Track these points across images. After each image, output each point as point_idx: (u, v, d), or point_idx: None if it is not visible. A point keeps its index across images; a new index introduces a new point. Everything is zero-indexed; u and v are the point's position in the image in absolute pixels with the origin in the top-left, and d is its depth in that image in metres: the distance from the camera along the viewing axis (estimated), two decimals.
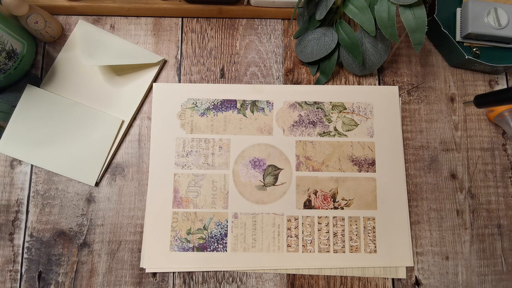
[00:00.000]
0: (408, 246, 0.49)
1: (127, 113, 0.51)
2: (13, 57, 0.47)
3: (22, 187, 0.49)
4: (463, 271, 0.49)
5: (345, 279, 0.48)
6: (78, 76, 0.52)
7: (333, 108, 0.53)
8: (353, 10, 0.44)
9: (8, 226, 0.48)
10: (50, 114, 0.50)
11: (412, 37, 0.42)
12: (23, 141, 0.49)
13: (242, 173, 0.50)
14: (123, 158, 0.51)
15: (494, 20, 0.50)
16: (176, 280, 0.48)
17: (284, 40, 0.55)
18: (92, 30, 0.53)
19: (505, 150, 0.53)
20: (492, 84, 0.55)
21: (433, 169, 0.52)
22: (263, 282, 0.48)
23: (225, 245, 0.48)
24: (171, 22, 0.55)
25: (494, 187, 0.52)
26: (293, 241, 0.49)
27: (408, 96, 0.54)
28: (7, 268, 0.47)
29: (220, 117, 0.52)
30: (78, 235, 0.49)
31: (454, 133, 0.53)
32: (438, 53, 0.55)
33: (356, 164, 0.51)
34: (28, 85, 0.50)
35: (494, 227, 0.51)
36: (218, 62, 0.54)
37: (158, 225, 0.49)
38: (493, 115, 0.51)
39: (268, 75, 0.54)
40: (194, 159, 0.50)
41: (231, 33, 0.55)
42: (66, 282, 0.47)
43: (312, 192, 0.50)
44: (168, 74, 0.54)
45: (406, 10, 0.42)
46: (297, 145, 0.51)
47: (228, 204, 0.50)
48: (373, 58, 0.50)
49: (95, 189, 0.50)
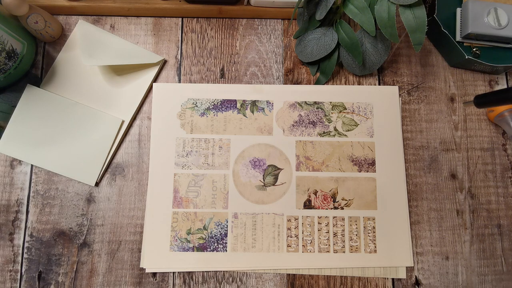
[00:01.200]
0: (408, 246, 0.49)
1: (127, 113, 0.51)
2: (13, 57, 0.47)
3: (22, 187, 0.49)
4: (463, 271, 0.49)
5: (345, 279, 0.48)
6: (78, 76, 0.52)
7: (333, 108, 0.53)
8: (353, 10, 0.44)
9: (8, 226, 0.48)
10: (50, 114, 0.50)
11: (412, 37, 0.42)
12: (23, 141, 0.49)
13: (242, 173, 0.50)
14: (123, 158, 0.51)
15: (494, 20, 0.50)
16: (176, 280, 0.48)
17: (284, 40, 0.55)
18: (92, 30, 0.53)
19: (505, 150, 0.53)
20: (492, 84, 0.55)
21: (433, 169, 0.52)
22: (263, 282, 0.48)
23: (225, 245, 0.48)
24: (171, 22, 0.55)
25: (494, 187, 0.52)
26: (293, 241, 0.49)
27: (408, 96, 0.54)
28: (7, 268, 0.47)
29: (220, 117, 0.52)
30: (78, 235, 0.49)
31: (454, 133, 0.53)
32: (438, 53, 0.55)
33: (356, 164, 0.51)
34: (28, 85, 0.50)
35: (494, 227, 0.51)
36: (218, 62, 0.54)
37: (158, 225, 0.49)
38: (493, 115, 0.51)
39: (268, 75, 0.54)
40: (194, 159, 0.50)
41: (231, 33, 0.55)
42: (66, 282, 0.47)
43: (312, 192, 0.50)
44: (168, 74, 0.54)
45: (406, 10, 0.42)
46: (297, 145, 0.51)
47: (228, 204, 0.50)
48: (373, 58, 0.50)
49: (95, 189, 0.50)
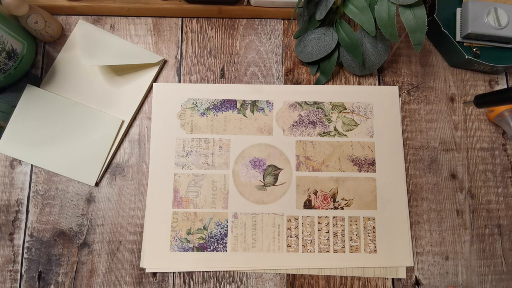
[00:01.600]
0: (408, 246, 0.49)
1: (127, 113, 0.51)
2: (13, 57, 0.47)
3: (22, 187, 0.49)
4: (463, 271, 0.49)
5: (345, 279, 0.48)
6: (78, 76, 0.52)
7: (333, 108, 0.53)
8: (353, 10, 0.44)
9: (8, 226, 0.48)
10: (50, 114, 0.50)
11: (412, 37, 0.42)
12: (23, 141, 0.49)
13: (242, 173, 0.50)
14: (123, 158, 0.51)
15: (494, 20, 0.50)
16: (176, 280, 0.48)
17: (284, 40, 0.55)
18: (92, 30, 0.53)
19: (505, 150, 0.53)
20: (492, 84, 0.55)
21: (433, 169, 0.52)
22: (263, 282, 0.48)
23: (225, 245, 0.48)
24: (171, 22, 0.55)
25: (494, 187, 0.52)
26: (293, 241, 0.49)
27: (408, 96, 0.54)
28: (7, 268, 0.47)
29: (220, 117, 0.52)
30: (78, 235, 0.49)
31: (454, 133, 0.53)
32: (438, 53, 0.55)
33: (356, 164, 0.51)
34: (28, 85, 0.50)
35: (494, 227, 0.51)
36: (218, 62, 0.54)
37: (158, 225, 0.49)
38: (493, 115, 0.51)
39: (268, 75, 0.54)
40: (194, 159, 0.50)
41: (231, 33, 0.55)
42: (66, 282, 0.47)
43: (312, 192, 0.50)
44: (168, 74, 0.54)
45: (406, 10, 0.42)
46: (297, 145, 0.51)
47: (228, 204, 0.50)
48: (373, 58, 0.50)
49: (95, 189, 0.50)
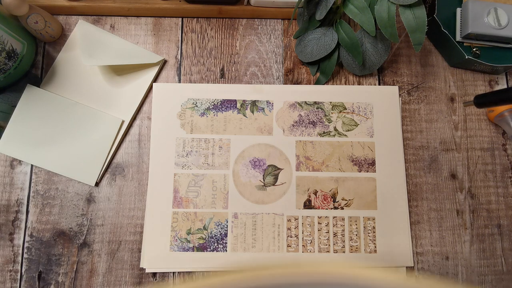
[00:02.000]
0: (408, 246, 0.49)
1: (127, 113, 0.51)
2: (13, 57, 0.47)
3: (22, 187, 0.49)
4: (463, 271, 0.49)
5: None
6: (78, 76, 0.52)
7: (333, 108, 0.53)
8: (353, 10, 0.44)
9: (8, 226, 0.48)
10: (50, 114, 0.50)
11: (412, 37, 0.42)
12: (23, 141, 0.49)
13: (242, 173, 0.50)
14: (123, 158, 0.51)
15: (494, 20, 0.50)
16: (176, 280, 0.48)
17: (284, 40, 0.55)
18: (92, 30, 0.53)
19: (505, 150, 0.53)
20: (492, 84, 0.55)
21: (433, 169, 0.52)
22: None
23: (225, 245, 0.48)
24: (171, 22, 0.55)
25: (494, 187, 0.52)
26: (293, 241, 0.49)
27: (408, 96, 0.54)
28: (7, 268, 0.47)
29: (220, 117, 0.52)
30: (78, 235, 0.49)
31: (454, 133, 0.53)
32: (438, 53, 0.55)
33: (356, 164, 0.51)
34: (28, 85, 0.50)
35: (494, 227, 0.51)
36: (218, 62, 0.54)
37: (158, 225, 0.49)
38: (493, 115, 0.51)
39: (268, 75, 0.54)
40: (194, 159, 0.50)
41: (231, 33, 0.55)
42: (66, 282, 0.47)
43: (312, 192, 0.50)
44: (168, 74, 0.54)
45: (406, 10, 0.42)
46: (297, 145, 0.51)
47: (228, 204, 0.50)
48: (373, 58, 0.50)
49: (95, 189, 0.50)
